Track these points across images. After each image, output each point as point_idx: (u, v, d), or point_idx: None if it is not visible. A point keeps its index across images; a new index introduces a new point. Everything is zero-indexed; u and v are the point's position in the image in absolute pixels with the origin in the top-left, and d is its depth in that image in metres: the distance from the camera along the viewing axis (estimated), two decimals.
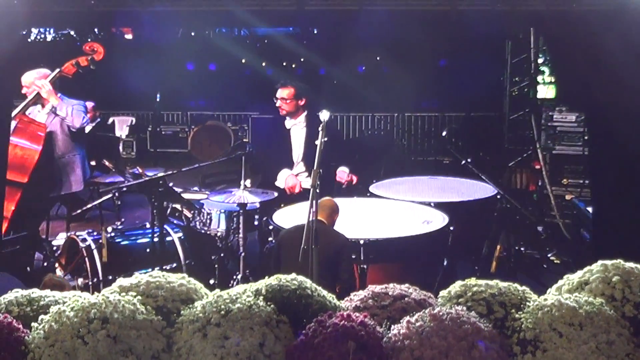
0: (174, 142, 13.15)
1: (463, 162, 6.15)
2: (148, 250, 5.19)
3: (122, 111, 13.77)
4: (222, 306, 2.43)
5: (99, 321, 2.36)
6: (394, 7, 3.71)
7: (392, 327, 2.44)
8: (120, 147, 12.69)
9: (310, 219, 3.38)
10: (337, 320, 2.36)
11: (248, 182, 5.44)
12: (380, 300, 2.56)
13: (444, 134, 9.85)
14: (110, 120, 13.36)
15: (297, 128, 5.82)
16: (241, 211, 5.24)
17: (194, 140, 13.08)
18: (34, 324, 2.46)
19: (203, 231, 5.62)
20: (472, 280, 2.62)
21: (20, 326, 2.45)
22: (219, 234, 5.58)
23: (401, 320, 2.45)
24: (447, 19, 3.61)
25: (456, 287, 2.62)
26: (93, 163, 7.82)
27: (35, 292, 2.63)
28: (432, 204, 5.35)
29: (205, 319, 2.41)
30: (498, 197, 5.87)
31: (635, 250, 2.96)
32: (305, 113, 5.81)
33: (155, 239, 5.07)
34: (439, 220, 4.95)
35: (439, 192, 5.93)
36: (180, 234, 5.57)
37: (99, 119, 9.23)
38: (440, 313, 2.39)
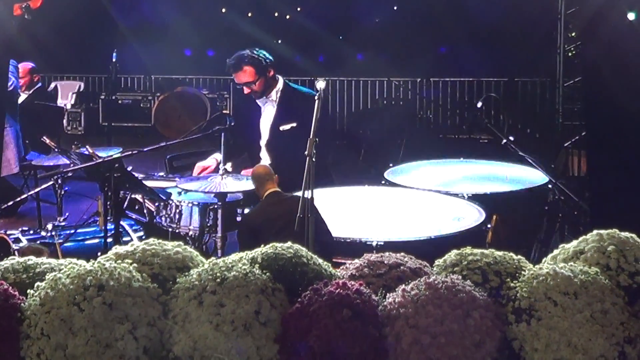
0: (134, 114, 13.11)
1: (504, 141, 6.10)
2: (99, 254, 5.09)
3: (68, 74, 13.72)
4: (218, 274, 2.92)
5: (94, 288, 2.85)
6: None
7: (388, 295, 2.90)
8: (65, 121, 12.65)
9: (307, 190, 3.94)
10: (333, 289, 2.82)
11: (229, 166, 5.40)
12: (375, 269, 3.04)
13: (479, 104, 9.81)
14: (52, 85, 13.31)
15: (269, 106, 5.72)
16: (220, 203, 5.20)
17: (159, 111, 13.04)
18: (29, 291, 2.96)
19: (170, 229, 5.59)
20: (468, 249, 3.11)
21: (17, 293, 2.94)
22: (190, 232, 5.55)
23: (397, 289, 2.90)
24: None
25: (452, 255, 3.12)
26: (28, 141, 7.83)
27: (31, 260, 3.16)
28: (464, 195, 5.32)
29: (201, 286, 2.90)
30: (550, 186, 5.85)
31: (631, 220, 3.56)
32: (279, 83, 5.68)
33: (109, 240, 5.01)
34: (474, 216, 4.92)
35: (474, 179, 5.92)
36: (140, 233, 5.54)
37: (39, 85, 9.17)
38: (436, 282, 2.86)
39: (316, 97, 4.28)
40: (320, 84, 4.34)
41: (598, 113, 4.75)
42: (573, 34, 8.78)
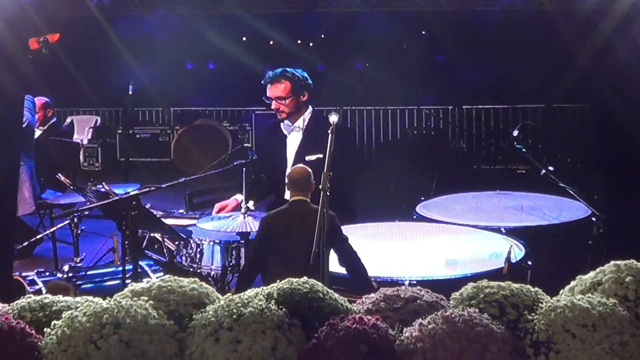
0: (153, 149, 13.25)
1: (543, 171, 6.09)
2: None
3: (84, 109, 13.92)
4: (234, 310, 3.06)
5: (111, 326, 2.99)
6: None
7: (405, 329, 3.02)
8: (81, 157, 12.82)
9: (322, 223, 4.09)
10: (349, 324, 2.95)
11: (251, 204, 5.43)
12: (392, 303, 3.16)
13: (515, 133, 9.81)
14: (68, 120, 13.51)
15: (294, 134, 5.77)
16: (242, 242, 5.23)
17: (178, 145, 13.17)
18: (46, 330, 3.10)
19: (191, 269, 5.62)
20: (484, 282, 3.24)
21: (33, 332, 3.10)
22: (212, 273, 5.57)
23: (413, 323, 3.02)
24: None
25: (468, 288, 3.24)
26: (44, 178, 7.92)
27: (47, 298, 3.32)
28: (502, 230, 5.33)
29: (217, 323, 3.03)
30: (593, 219, 5.80)
31: None
32: (308, 111, 5.75)
33: (128, 281, 5.06)
34: (513, 252, 4.86)
35: (512, 213, 5.91)
36: (160, 274, 5.56)
37: (53, 120, 9.32)
38: (453, 315, 2.97)
39: (329, 131, 4.37)
40: (333, 118, 4.46)
41: (609, 140, 4.92)
42: None
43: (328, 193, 4.16)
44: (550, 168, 6.18)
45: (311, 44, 13.45)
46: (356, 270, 4.47)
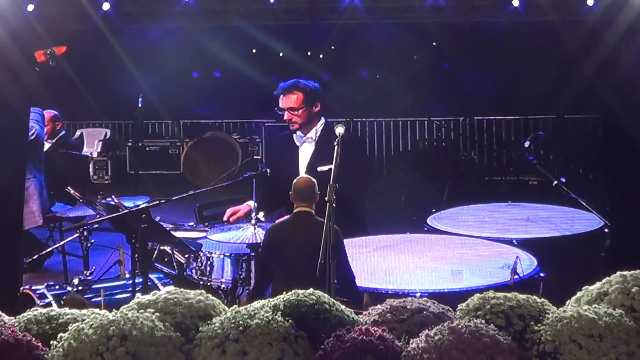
0: (162, 162, 13.29)
1: (554, 182, 6.08)
2: None
3: (93, 122, 13.99)
4: (241, 322, 3.09)
5: (117, 338, 3.02)
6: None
7: (411, 341, 3.04)
8: (91, 169, 12.86)
9: (328, 235, 4.10)
10: (356, 335, 2.98)
11: (261, 215, 5.44)
12: (398, 314, 3.19)
13: (526, 144, 9.81)
14: (78, 133, 13.58)
15: (306, 145, 5.76)
16: (252, 254, 5.23)
17: (188, 158, 13.19)
18: (53, 342, 3.13)
19: (201, 282, 5.62)
20: (491, 293, 3.28)
21: (40, 344, 3.12)
22: (222, 286, 5.58)
23: (420, 334, 3.06)
24: None
25: (474, 299, 3.27)
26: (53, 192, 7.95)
27: (54, 310, 3.37)
28: (514, 242, 5.32)
29: (223, 334, 3.07)
30: (606, 230, 5.78)
31: None
32: (320, 122, 5.75)
33: (138, 294, 5.05)
34: (525, 263, 4.86)
35: (524, 224, 5.89)
36: (170, 287, 5.54)
37: (62, 133, 9.36)
38: (459, 326, 3.00)
39: (335, 143, 4.42)
40: (339, 130, 4.53)
41: (618, 150, 4.97)
42: None
43: (334, 205, 4.16)
44: (562, 179, 6.18)
45: (321, 56, 13.48)
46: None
